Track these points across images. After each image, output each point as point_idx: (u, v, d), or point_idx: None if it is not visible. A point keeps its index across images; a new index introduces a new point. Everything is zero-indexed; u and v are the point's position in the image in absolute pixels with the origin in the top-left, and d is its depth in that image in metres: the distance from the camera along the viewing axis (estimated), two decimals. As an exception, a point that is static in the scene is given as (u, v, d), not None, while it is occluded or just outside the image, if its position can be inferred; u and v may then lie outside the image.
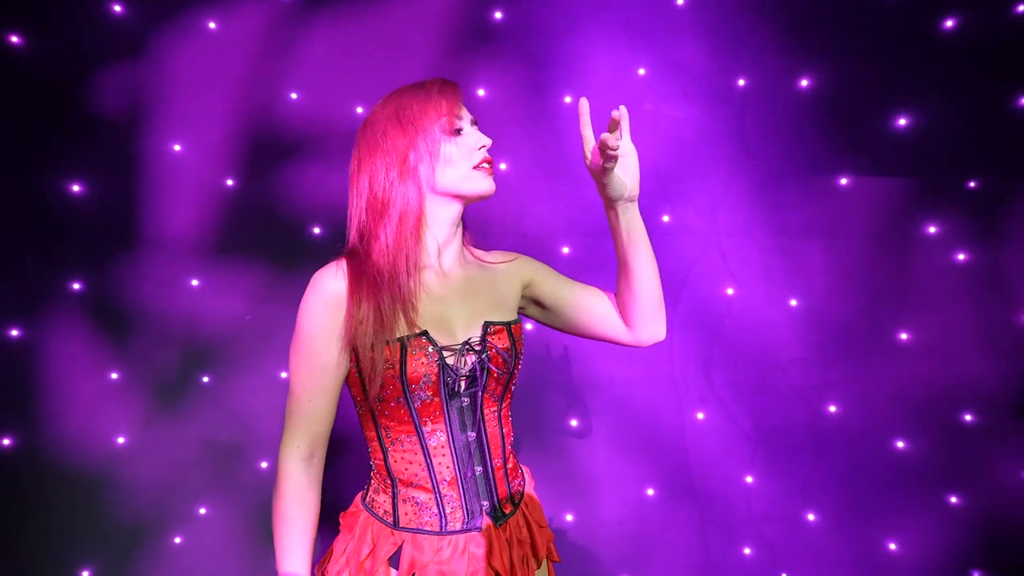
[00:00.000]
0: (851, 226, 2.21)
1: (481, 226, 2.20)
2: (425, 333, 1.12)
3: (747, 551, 2.32)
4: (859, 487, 2.28)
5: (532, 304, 1.37)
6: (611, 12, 2.19)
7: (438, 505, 1.16)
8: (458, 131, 1.18)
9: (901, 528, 2.28)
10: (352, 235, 1.18)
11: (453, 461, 1.16)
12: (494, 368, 1.16)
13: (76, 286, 2.16)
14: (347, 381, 1.17)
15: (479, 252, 1.34)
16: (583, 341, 2.20)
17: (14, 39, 2.11)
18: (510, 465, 1.27)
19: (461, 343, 1.15)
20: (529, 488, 1.34)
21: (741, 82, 2.24)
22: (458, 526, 1.16)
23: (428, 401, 1.13)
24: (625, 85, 2.21)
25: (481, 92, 2.24)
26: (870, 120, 2.21)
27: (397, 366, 1.09)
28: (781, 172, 2.21)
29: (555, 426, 2.30)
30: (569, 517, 2.32)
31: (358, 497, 1.27)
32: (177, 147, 2.19)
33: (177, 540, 2.24)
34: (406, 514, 1.16)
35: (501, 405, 1.23)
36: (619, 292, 1.30)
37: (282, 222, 2.22)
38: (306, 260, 1.42)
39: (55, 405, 2.16)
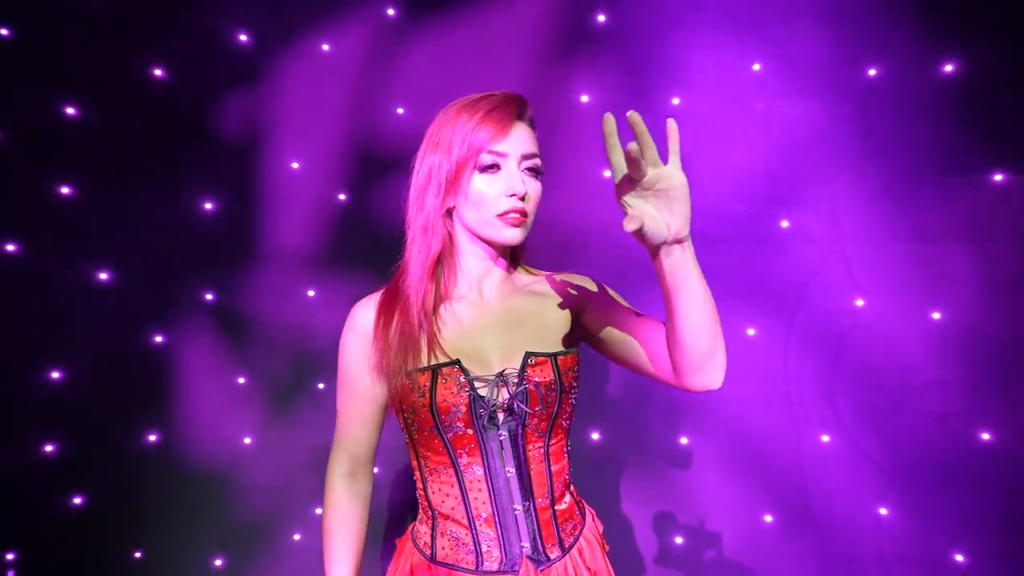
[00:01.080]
0: (1004, 229, 1.94)
1: (580, 236, 2.18)
2: (457, 362, 1.08)
3: (881, 591, 2.11)
4: (1019, 528, 2.00)
5: (588, 334, 1.23)
6: (716, 6, 2.07)
7: (475, 542, 1.12)
8: (493, 167, 1.09)
9: (1075, 579, 1.98)
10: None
11: (490, 497, 1.12)
12: (528, 406, 1.09)
13: (208, 296, 2.36)
14: (395, 407, 1.16)
15: (536, 278, 1.25)
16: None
17: (158, 72, 2.35)
18: (561, 506, 1.19)
19: (495, 374, 1.09)
20: (592, 532, 1.25)
21: (872, 71, 2.05)
22: (495, 566, 1.12)
23: (461, 433, 1.09)
24: (734, 83, 2.09)
25: (585, 98, 2.20)
26: (1028, 109, 1.94)
27: (427, 395, 1.07)
28: (916, 170, 1.99)
29: (660, 446, 2.20)
30: (679, 540, 2.22)
31: (412, 524, 1.27)
32: (295, 165, 2.34)
33: (296, 537, 2.39)
34: (443, 548, 1.14)
35: (549, 441, 1.15)
36: (667, 335, 1.08)
37: (391, 234, 2.29)
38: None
39: (192, 405, 2.37)
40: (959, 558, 2.06)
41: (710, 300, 1.01)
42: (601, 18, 2.20)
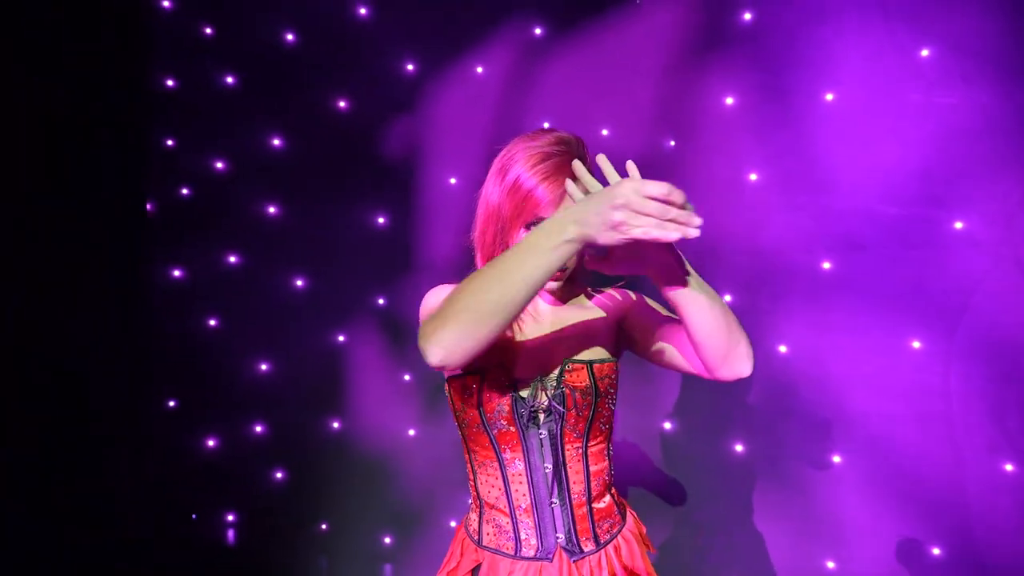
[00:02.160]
0: None
1: (708, 242, 2.15)
2: (501, 365, 1.19)
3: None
4: None
5: (630, 342, 1.33)
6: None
7: (515, 530, 1.22)
8: (534, 224, 1.17)
9: None
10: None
11: (530, 489, 1.21)
12: (563, 406, 1.19)
13: (381, 301, 2.68)
14: (450, 406, 1.27)
15: (584, 293, 1.36)
16: (834, 373, 2.01)
17: (342, 104, 2.71)
18: (599, 505, 1.27)
19: (536, 378, 1.20)
20: (631, 532, 1.31)
21: (1070, 47, 1.79)
22: (531, 553, 1.21)
23: (505, 430, 1.20)
24: (885, 75, 1.94)
25: (730, 100, 2.17)
26: None
27: (475, 395, 1.19)
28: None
29: (797, 462, 2.10)
30: (831, 564, 2.09)
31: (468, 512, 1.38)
32: (453, 180, 2.57)
33: (452, 524, 2.61)
34: (488, 534, 1.25)
35: (587, 442, 1.23)
36: (689, 339, 1.16)
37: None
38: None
39: (367, 397, 2.70)
40: None
41: (715, 305, 1.09)
42: (747, 16, 2.15)
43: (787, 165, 2.07)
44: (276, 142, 2.81)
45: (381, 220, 2.66)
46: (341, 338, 2.71)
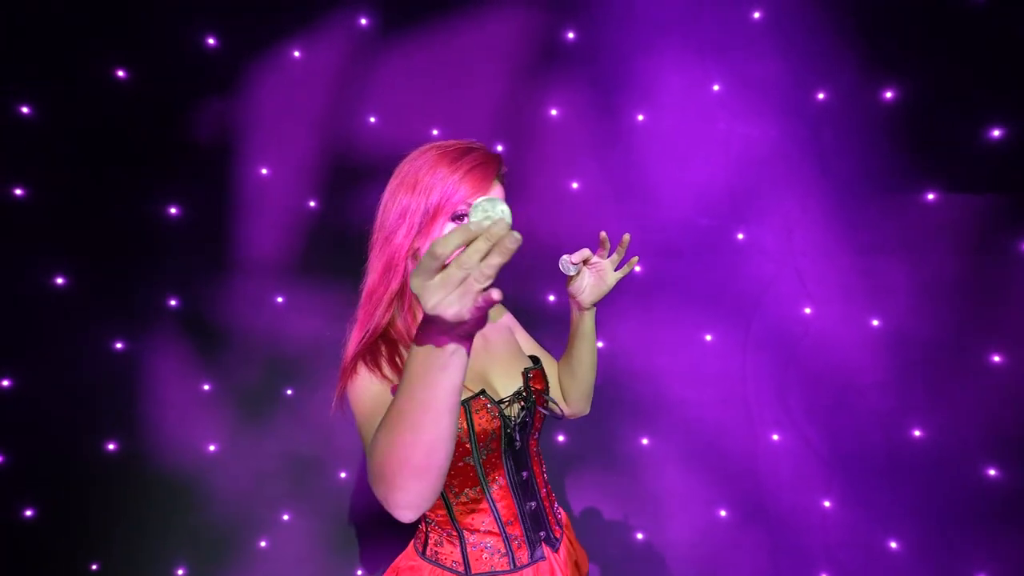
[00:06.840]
0: (938, 244, 2.18)
1: (551, 248, 2.32)
2: (483, 392, 1.18)
3: (825, 578, 2.33)
4: (946, 516, 2.25)
5: None
6: (683, 29, 2.25)
7: (506, 545, 1.23)
8: (461, 217, 1.14)
9: (992, 560, 2.24)
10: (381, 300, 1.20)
11: (513, 502, 1.24)
12: (541, 410, 1.26)
13: (173, 303, 2.38)
14: None
15: None
16: (656, 364, 2.28)
17: (120, 73, 2.35)
18: (550, 493, 1.36)
19: (512, 394, 1.23)
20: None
21: (820, 96, 2.26)
22: (525, 560, 1.24)
23: (492, 454, 1.20)
24: (698, 103, 2.27)
25: (554, 112, 2.34)
26: (960, 132, 2.17)
27: (465, 427, 1.14)
28: (861, 189, 2.21)
29: (624, 447, 2.37)
30: (640, 536, 2.39)
31: (410, 551, 1.31)
32: (264, 171, 2.38)
33: (262, 544, 2.43)
34: (478, 560, 1.22)
35: (537, 438, 1.33)
36: (560, 375, 1.48)
37: (360, 242, 2.36)
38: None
39: (153, 413, 2.38)
40: (893, 544, 2.29)
41: (595, 356, 1.45)
42: (571, 35, 2.34)
43: (617, 177, 2.30)
44: (25, 110, 2.34)
45: (173, 211, 2.37)
46: (119, 345, 2.36)
